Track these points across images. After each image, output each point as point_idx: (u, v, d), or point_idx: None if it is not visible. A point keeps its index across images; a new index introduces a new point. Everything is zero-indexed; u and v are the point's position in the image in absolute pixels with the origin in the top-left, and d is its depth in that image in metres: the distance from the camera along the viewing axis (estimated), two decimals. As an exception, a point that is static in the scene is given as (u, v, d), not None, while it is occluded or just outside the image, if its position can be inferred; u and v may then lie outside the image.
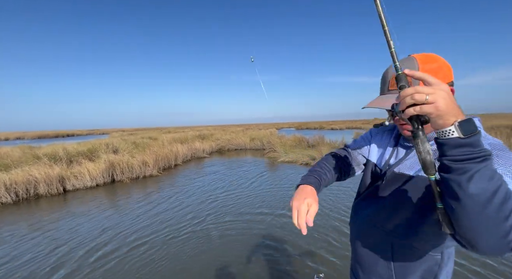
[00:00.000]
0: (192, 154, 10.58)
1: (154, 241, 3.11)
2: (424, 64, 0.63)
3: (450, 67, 0.65)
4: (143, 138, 14.88)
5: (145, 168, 6.86)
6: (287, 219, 3.63)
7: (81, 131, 57.07)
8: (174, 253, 2.82)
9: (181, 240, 3.12)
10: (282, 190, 5.14)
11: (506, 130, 10.42)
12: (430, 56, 0.65)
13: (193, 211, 4.11)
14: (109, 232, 3.42)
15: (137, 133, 25.85)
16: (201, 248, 2.90)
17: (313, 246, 2.81)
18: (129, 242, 3.11)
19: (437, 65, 0.63)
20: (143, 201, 4.74)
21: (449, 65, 0.65)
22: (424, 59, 0.64)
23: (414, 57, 0.65)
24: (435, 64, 0.63)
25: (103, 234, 3.37)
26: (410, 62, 0.64)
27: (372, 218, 0.79)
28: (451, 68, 0.65)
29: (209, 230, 3.36)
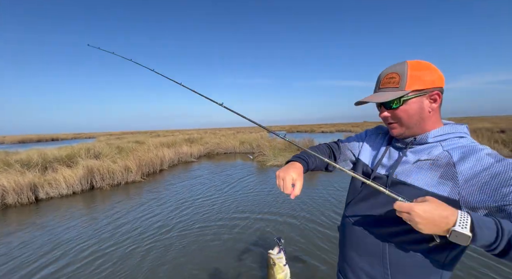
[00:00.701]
0: (179, 159, 10.30)
1: (111, 254, 2.88)
2: (412, 70, 0.68)
3: (440, 75, 0.70)
4: (129, 142, 14.44)
5: (127, 174, 6.56)
6: (260, 224, 3.51)
7: (66, 135, 54.98)
8: (132, 266, 2.61)
9: (143, 251, 2.92)
10: (261, 195, 5.02)
11: (487, 133, 10.80)
12: (421, 63, 0.70)
13: (163, 219, 3.91)
14: (63, 246, 3.13)
15: (125, 137, 25.15)
16: (163, 259, 2.72)
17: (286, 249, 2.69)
18: (83, 257, 2.85)
19: (425, 72, 0.68)
20: (113, 209, 4.47)
21: (440, 74, 0.70)
22: (415, 65, 0.69)
23: (406, 62, 0.70)
24: (422, 72, 0.68)
25: (56, 248, 3.07)
26: (401, 65, 0.70)
27: (362, 222, 0.79)
28: (442, 76, 0.70)
29: (175, 239, 3.19)
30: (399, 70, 0.70)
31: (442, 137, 0.70)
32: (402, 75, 0.69)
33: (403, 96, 0.68)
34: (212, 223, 3.69)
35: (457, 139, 0.69)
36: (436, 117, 0.72)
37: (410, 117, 0.70)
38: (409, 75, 0.68)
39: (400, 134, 0.75)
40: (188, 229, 3.48)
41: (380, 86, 0.74)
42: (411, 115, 0.70)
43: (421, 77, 0.68)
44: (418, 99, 0.69)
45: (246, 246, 2.97)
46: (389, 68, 0.73)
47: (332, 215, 3.82)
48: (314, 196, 4.77)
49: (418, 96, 0.68)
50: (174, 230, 3.47)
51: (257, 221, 3.68)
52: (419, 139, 0.72)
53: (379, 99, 0.71)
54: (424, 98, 0.69)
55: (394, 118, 0.73)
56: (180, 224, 3.67)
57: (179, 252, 2.87)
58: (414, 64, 0.69)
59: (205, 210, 4.24)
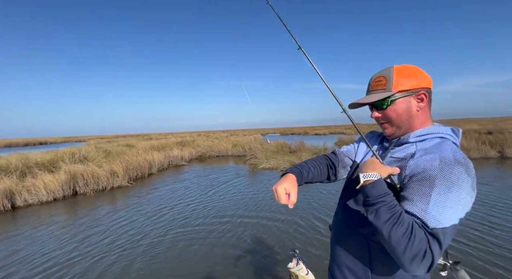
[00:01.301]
0: (170, 162, 10.09)
1: (70, 268, 2.68)
2: (398, 73, 0.73)
3: (427, 78, 0.74)
4: (119, 145, 14.12)
5: (113, 178, 6.34)
6: (235, 231, 3.39)
7: (55, 139, 53.52)
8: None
9: (109, 262, 2.76)
10: (245, 199, 4.91)
11: (475, 134, 11.01)
12: (407, 67, 0.75)
13: (137, 227, 3.73)
14: (20, 259, 2.89)
15: (116, 140, 24.65)
16: (128, 270, 2.58)
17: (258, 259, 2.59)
18: (38, 272, 2.63)
19: (411, 74, 0.73)
20: (88, 216, 4.27)
21: (426, 76, 0.74)
22: (401, 69, 0.74)
23: (392, 67, 0.75)
24: (408, 74, 0.73)
25: (12, 263, 2.82)
26: (388, 70, 0.76)
27: (347, 219, 0.83)
28: (429, 79, 0.75)
29: (146, 248, 3.04)
30: (386, 74, 0.75)
31: (422, 137, 0.73)
32: (389, 78, 0.74)
33: (390, 96, 0.73)
34: (185, 229, 3.56)
35: (436, 139, 0.72)
36: (425, 116, 0.76)
37: (399, 116, 0.74)
38: (395, 77, 0.73)
39: (392, 134, 0.79)
40: (159, 239, 3.30)
41: (370, 89, 0.80)
42: (399, 114, 0.74)
43: (407, 79, 0.73)
44: (405, 99, 0.73)
45: (223, 251, 2.87)
46: (377, 73, 0.79)
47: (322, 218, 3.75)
48: (308, 197, 4.69)
49: (405, 96, 0.73)
50: (147, 238, 3.31)
51: (236, 226, 3.57)
52: (402, 139, 0.77)
53: (368, 100, 0.77)
54: (411, 98, 0.73)
55: (385, 118, 0.77)
56: (154, 232, 3.51)
57: (148, 261, 2.73)
58: (400, 68, 0.75)
59: (182, 217, 4.09)
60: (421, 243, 0.56)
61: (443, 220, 0.58)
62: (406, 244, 0.56)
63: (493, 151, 8.78)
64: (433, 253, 0.56)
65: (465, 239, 2.88)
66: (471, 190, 0.61)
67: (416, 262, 0.56)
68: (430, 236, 0.58)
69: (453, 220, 0.59)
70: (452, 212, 0.59)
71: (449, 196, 0.59)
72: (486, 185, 5.10)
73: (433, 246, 0.57)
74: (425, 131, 0.73)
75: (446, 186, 0.59)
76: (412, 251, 0.56)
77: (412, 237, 0.56)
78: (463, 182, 0.59)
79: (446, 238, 0.58)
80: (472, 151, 8.64)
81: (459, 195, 0.59)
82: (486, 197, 4.32)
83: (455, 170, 0.60)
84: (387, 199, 0.62)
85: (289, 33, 1.00)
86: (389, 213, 0.60)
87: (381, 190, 0.63)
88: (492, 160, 8.13)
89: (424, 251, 0.56)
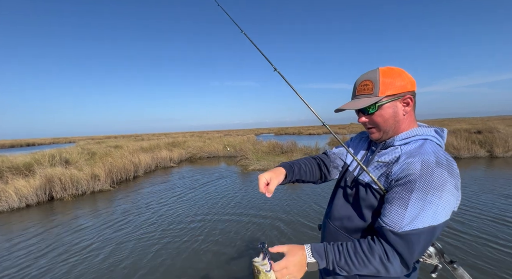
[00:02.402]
0: (158, 164, 9.79)
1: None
2: (384, 77, 0.73)
3: (411, 80, 0.74)
4: (108, 147, 13.70)
5: (94, 182, 6.03)
6: (208, 240, 3.18)
7: (44, 140, 52.06)
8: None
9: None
10: (224, 199, 4.70)
11: (465, 134, 11.08)
12: (393, 69, 0.74)
13: (95, 239, 3.41)
14: None
15: (106, 141, 24.07)
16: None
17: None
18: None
19: (396, 78, 0.72)
20: (47, 226, 3.96)
21: (411, 79, 0.74)
22: (387, 72, 0.73)
23: (378, 69, 0.74)
24: (394, 78, 0.72)
25: None
26: (374, 73, 0.75)
27: (334, 218, 0.85)
28: (414, 81, 0.75)
29: (99, 259, 2.78)
30: (372, 78, 0.74)
31: (406, 140, 0.74)
32: (375, 82, 0.73)
33: (377, 102, 0.72)
34: (160, 234, 3.33)
35: (419, 142, 0.72)
36: (410, 119, 0.76)
37: (385, 121, 0.74)
38: (382, 82, 0.72)
39: (379, 139, 0.79)
40: (109, 254, 3.04)
41: (356, 93, 0.78)
42: (386, 119, 0.74)
43: (393, 83, 0.72)
44: (392, 104, 0.73)
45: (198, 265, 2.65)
46: (363, 75, 0.77)
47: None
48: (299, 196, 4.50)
49: (391, 101, 0.73)
50: (104, 249, 3.06)
51: (211, 230, 3.35)
52: (388, 142, 0.77)
53: (355, 106, 0.75)
54: (398, 102, 0.73)
55: (372, 123, 0.77)
56: (111, 247, 3.25)
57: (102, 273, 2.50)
58: (385, 71, 0.73)
59: (150, 221, 3.86)
60: (377, 253, 0.64)
61: (417, 223, 0.60)
62: (375, 267, 0.64)
63: (482, 150, 8.80)
64: (401, 254, 0.62)
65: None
66: (454, 190, 0.62)
67: (390, 269, 0.63)
68: (396, 238, 0.62)
69: (430, 222, 0.60)
70: (429, 214, 0.60)
71: (428, 199, 0.60)
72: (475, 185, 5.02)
73: (399, 248, 0.62)
74: (409, 133, 0.74)
75: (425, 189, 0.61)
76: (378, 265, 0.63)
77: (370, 258, 0.64)
78: (445, 184, 0.60)
79: (422, 238, 0.61)
80: (463, 151, 8.63)
81: (440, 197, 0.60)
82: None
83: (436, 173, 0.61)
84: (331, 257, 0.67)
85: (265, 57, 1.03)
86: (346, 263, 0.66)
87: (321, 261, 0.67)
88: (481, 160, 8.15)
89: (384, 254, 0.63)
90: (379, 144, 0.80)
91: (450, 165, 0.63)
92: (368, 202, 0.74)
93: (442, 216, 0.60)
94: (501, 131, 11.27)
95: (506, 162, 7.63)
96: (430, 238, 0.61)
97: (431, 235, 0.61)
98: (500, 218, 3.42)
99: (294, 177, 0.90)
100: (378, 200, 0.72)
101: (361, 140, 0.94)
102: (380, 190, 0.71)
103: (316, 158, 1.01)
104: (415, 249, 0.61)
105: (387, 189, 0.70)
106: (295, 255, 0.67)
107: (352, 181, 0.82)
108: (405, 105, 0.73)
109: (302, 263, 0.67)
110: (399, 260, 0.62)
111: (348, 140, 1.03)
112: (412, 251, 0.61)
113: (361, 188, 0.77)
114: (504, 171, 6.32)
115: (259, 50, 1.03)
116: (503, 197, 4.27)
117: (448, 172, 0.61)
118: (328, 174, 0.98)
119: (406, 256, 0.61)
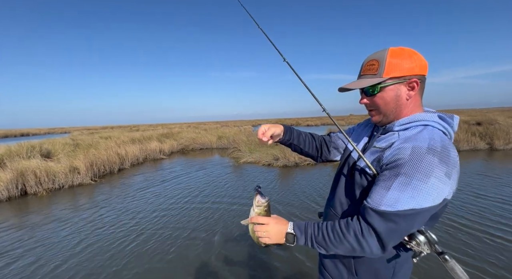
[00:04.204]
0: (147, 156, 9.44)
1: None
2: (392, 57, 0.68)
3: (422, 63, 0.69)
4: (101, 137, 13.30)
5: (73, 175, 5.69)
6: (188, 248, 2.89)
7: (39, 130, 51.31)
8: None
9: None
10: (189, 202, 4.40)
11: (464, 125, 10.79)
12: (403, 50, 0.70)
13: (65, 236, 3.18)
14: None
15: (100, 131, 23.61)
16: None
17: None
18: None
19: (405, 59, 0.68)
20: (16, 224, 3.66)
21: (422, 61, 0.69)
22: (396, 52, 0.69)
23: (387, 49, 0.70)
24: (402, 59, 0.68)
25: None
26: (382, 52, 0.71)
27: (334, 204, 0.86)
28: (424, 65, 0.70)
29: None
30: (379, 57, 0.71)
31: (406, 125, 0.71)
32: (381, 62, 0.70)
33: (380, 83, 0.70)
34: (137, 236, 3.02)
35: (418, 128, 0.69)
36: (415, 104, 0.73)
37: (386, 104, 0.72)
38: (388, 62, 0.69)
39: (379, 121, 0.78)
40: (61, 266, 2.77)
41: (361, 73, 0.76)
42: (387, 102, 0.72)
43: (400, 65, 0.68)
44: (395, 87, 0.70)
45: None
46: (372, 55, 0.74)
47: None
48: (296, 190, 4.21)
49: (395, 83, 0.70)
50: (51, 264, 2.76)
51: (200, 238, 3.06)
52: (387, 127, 0.76)
53: (357, 85, 0.74)
54: (402, 85, 0.70)
55: (372, 105, 0.76)
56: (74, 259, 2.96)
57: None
58: (395, 51, 0.70)
59: (121, 221, 3.56)
60: (354, 227, 0.65)
61: (398, 205, 0.60)
62: (350, 243, 0.65)
63: (482, 143, 8.52)
64: (377, 232, 0.61)
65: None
66: (445, 178, 0.60)
67: (365, 247, 0.63)
68: (374, 215, 0.62)
69: (412, 205, 0.59)
70: (412, 197, 0.59)
71: (412, 183, 0.59)
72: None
73: (375, 224, 0.61)
74: (410, 119, 0.71)
75: (411, 174, 0.60)
76: (355, 242, 0.64)
77: (345, 234, 0.66)
78: (432, 170, 0.59)
79: (402, 220, 0.60)
80: (462, 143, 8.35)
81: (426, 183, 0.59)
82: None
83: (425, 159, 0.60)
84: (310, 231, 0.70)
85: (276, 49, 1.07)
86: (323, 238, 0.68)
87: (300, 235, 0.71)
88: (481, 152, 7.88)
89: (360, 230, 0.64)
90: (380, 129, 0.79)
91: (445, 152, 0.61)
92: (362, 187, 0.74)
93: (426, 201, 0.59)
94: (500, 123, 10.97)
95: (506, 155, 7.37)
96: (412, 222, 0.61)
97: (412, 219, 0.61)
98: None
99: (292, 139, 0.94)
100: (371, 184, 0.71)
101: (367, 126, 0.92)
102: (374, 175, 0.70)
103: (318, 135, 1.03)
104: (393, 229, 0.61)
105: (378, 173, 0.69)
106: (280, 223, 0.73)
107: (351, 167, 0.82)
108: (410, 89, 0.70)
109: (281, 231, 0.72)
110: (375, 238, 0.62)
111: (355, 125, 1.01)
112: (389, 230, 0.61)
113: (357, 173, 0.77)
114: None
115: (272, 43, 1.08)
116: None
117: (440, 159, 0.60)
118: (327, 153, 1.00)
119: (383, 235, 0.61)
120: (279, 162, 7.16)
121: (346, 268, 0.80)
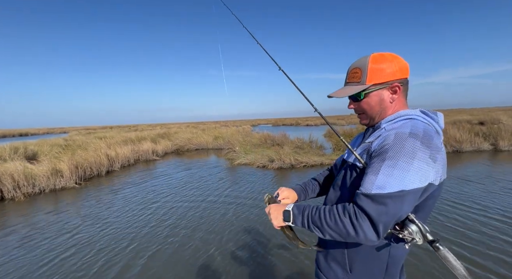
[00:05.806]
0: (139, 157, 9.14)
1: None
2: (373, 64, 0.74)
3: (402, 67, 0.74)
4: (97, 138, 13.03)
5: (55, 179, 5.39)
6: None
7: (38, 130, 51.16)
8: None
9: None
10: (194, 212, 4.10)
11: (467, 125, 10.44)
12: (384, 56, 0.75)
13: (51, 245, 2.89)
14: None
15: (98, 131, 23.39)
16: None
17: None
18: None
19: (386, 65, 0.73)
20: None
21: (402, 65, 0.74)
22: (377, 58, 0.74)
23: (369, 56, 0.75)
24: (383, 65, 0.73)
25: None
26: (364, 59, 0.76)
27: (329, 202, 0.88)
28: (405, 68, 0.75)
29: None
30: (362, 65, 0.75)
31: (392, 121, 0.74)
32: (363, 70, 0.75)
33: (364, 90, 0.75)
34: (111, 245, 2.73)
35: (404, 121, 0.72)
36: (399, 105, 0.78)
37: (372, 108, 0.78)
38: (370, 69, 0.74)
39: (367, 124, 0.83)
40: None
41: (347, 80, 0.82)
42: (372, 106, 0.77)
43: (381, 70, 0.73)
44: (379, 92, 0.76)
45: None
46: (355, 62, 0.79)
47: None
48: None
49: (378, 89, 0.75)
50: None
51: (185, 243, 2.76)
52: (376, 126, 0.80)
53: (342, 94, 0.80)
54: (385, 90, 0.75)
55: (359, 110, 0.82)
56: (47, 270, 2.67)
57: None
58: (376, 58, 0.74)
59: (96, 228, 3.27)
60: (346, 213, 0.66)
61: (386, 187, 0.61)
62: (344, 226, 0.65)
63: (486, 143, 8.19)
64: (369, 215, 0.62)
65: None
66: (429, 160, 0.62)
67: (359, 231, 0.63)
68: (365, 199, 0.63)
69: (400, 186, 0.61)
70: (399, 178, 0.61)
71: (398, 165, 0.62)
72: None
73: (367, 207, 0.62)
74: (395, 115, 0.75)
75: (396, 157, 0.63)
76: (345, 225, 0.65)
77: (339, 216, 0.66)
78: (416, 152, 0.62)
79: (391, 201, 0.61)
80: (465, 144, 8.01)
81: (411, 164, 0.61)
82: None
83: (407, 142, 0.63)
84: (307, 211, 0.73)
85: (270, 58, 1.17)
86: (319, 218, 0.70)
87: (298, 214, 0.75)
88: (485, 153, 7.55)
89: (354, 214, 0.64)
90: (370, 129, 0.83)
91: (426, 137, 0.64)
92: (354, 180, 0.76)
93: (413, 182, 0.61)
94: (504, 123, 10.63)
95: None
96: (401, 203, 0.62)
97: (401, 200, 0.62)
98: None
99: (307, 196, 1.05)
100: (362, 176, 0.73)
101: (361, 134, 0.94)
102: (364, 167, 0.73)
103: (325, 171, 1.10)
104: (384, 211, 0.62)
105: (368, 164, 0.72)
106: (279, 205, 0.82)
107: (342, 165, 0.88)
108: (392, 93, 0.75)
109: (279, 210, 0.79)
110: (368, 222, 0.63)
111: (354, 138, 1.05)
112: (380, 212, 0.62)
113: (349, 168, 0.79)
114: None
115: (266, 52, 1.19)
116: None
117: (422, 142, 0.63)
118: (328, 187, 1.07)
119: (375, 217, 0.61)
120: (274, 164, 6.86)
121: (340, 266, 0.81)
